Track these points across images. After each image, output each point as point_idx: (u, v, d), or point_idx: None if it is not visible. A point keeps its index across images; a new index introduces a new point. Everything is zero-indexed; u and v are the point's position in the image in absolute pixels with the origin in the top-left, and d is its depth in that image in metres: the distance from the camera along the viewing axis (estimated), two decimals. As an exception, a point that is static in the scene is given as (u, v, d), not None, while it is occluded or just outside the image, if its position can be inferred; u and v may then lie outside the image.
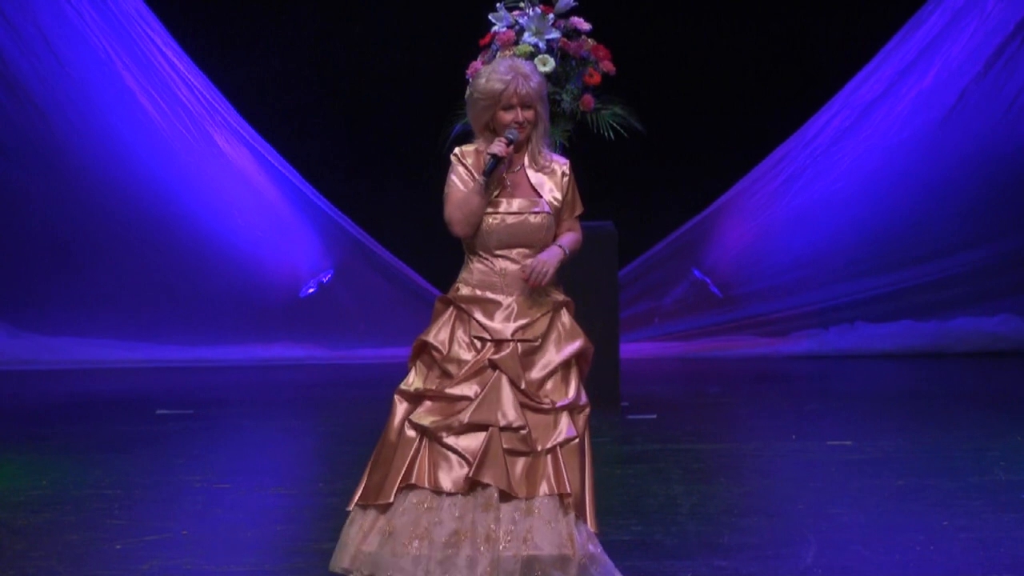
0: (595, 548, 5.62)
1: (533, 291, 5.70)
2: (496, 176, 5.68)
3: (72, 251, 13.28)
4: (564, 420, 5.65)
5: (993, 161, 13.33)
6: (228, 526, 7.48)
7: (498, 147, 5.64)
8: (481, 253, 5.75)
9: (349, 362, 13.24)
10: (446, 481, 5.56)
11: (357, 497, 5.74)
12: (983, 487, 8.07)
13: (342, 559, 5.67)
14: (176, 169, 13.30)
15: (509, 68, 5.71)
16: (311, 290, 13.51)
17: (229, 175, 13.38)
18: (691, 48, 13.38)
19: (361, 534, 5.65)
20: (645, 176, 13.22)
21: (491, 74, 5.71)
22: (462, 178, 5.73)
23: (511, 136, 5.66)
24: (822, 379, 12.37)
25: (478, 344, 5.68)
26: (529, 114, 5.68)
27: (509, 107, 5.68)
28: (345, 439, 10.03)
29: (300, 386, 12.27)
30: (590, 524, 5.62)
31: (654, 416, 10.29)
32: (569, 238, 5.78)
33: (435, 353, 5.71)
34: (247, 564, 6.74)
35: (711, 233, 13.58)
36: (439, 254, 12.89)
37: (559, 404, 5.66)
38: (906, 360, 13.00)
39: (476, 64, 9.94)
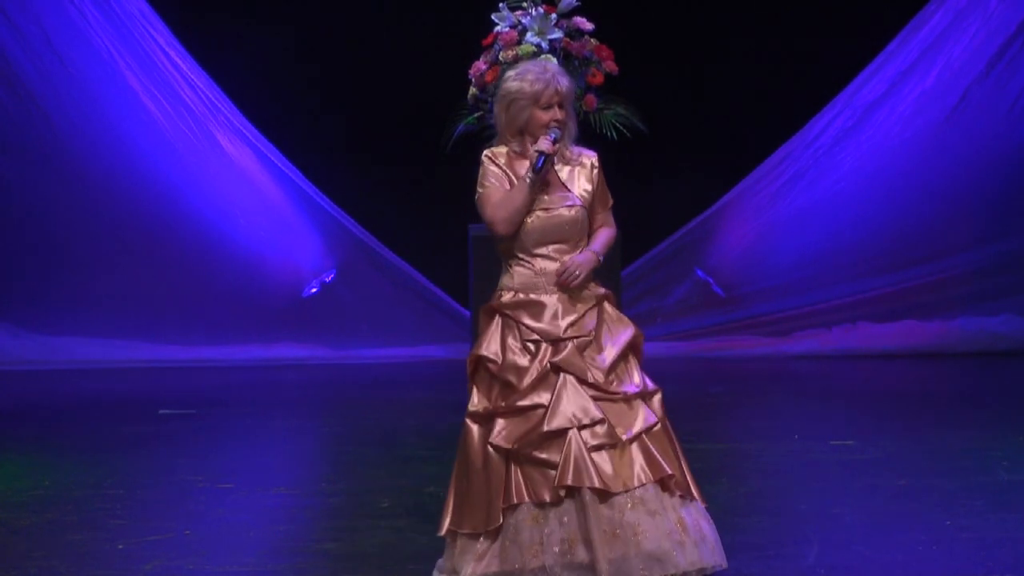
0: (708, 526, 5.64)
1: (584, 286, 5.71)
2: (543, 174, 5.68)
3: (74, 251, 13.28)
4: (640, 407, 5.67)
5: (996, 161, 13.33)
6: (230, 526, 7.48)
7: (546, 144, 5.67)
8: (519, 255, 5.74)
9: (351, 362, 13.25)
10: (544, 492, 5.54)
11: (453, 524, 5.70)
12: (985, 487, 8.07)
13: None
14: (179, 169, 13.30)
15: (544, 69, 5.75)
16: (314, 290, 13.51)
17: (232, 175, 13.39)
18: (694, 48, 13.38)
19: (475, 560, 5.62)
20: (648, 176, 13.22)
21: (525, 75, 5.74)
22: (499, 178, 5.74)
23: (555, 135, 5.69)
24: (824, 379, 12.37)
25: (532, 347, 5.66)
26: (563, 114, 5.72)
27: (548, 106, 5.71)
28: (347, 439, 10.03)
29: (302, 386, 12.27)
30: (700, 499, 5.67)
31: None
32: (603, 239, 5.83)
33: (491, 366, 5.69)
34: (249, 564, 6.74)
35: (714, 233, 13.58)
36: (441, 254, 12.97)
37: (630, 392, 5.67)
38: (908, 360, 13.00)
39: (479, 64, 9.92)
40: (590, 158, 5.85)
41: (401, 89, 13.38)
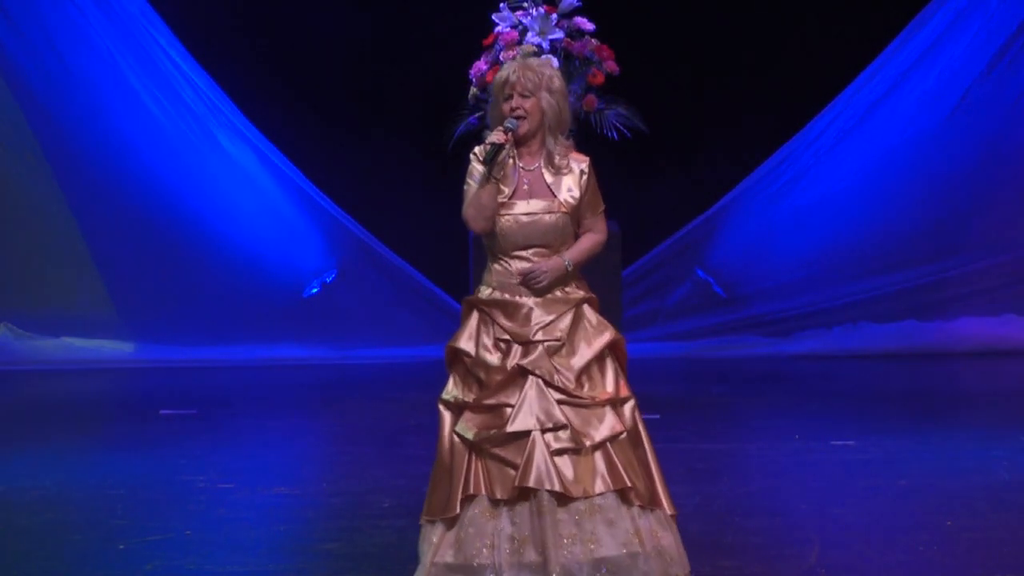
0: (667, 536, 5.62)
1: (549, 291, 5.69)
2: (499, 166, 5.66)
3: (76, 251, 13.28)
4: (608, 415, 5.64)
5: (996, 161, 13.33)
6: (231, 526, 7.48)
7: (496, 135, 5.64)
8: (499, 255, 5.73)
9: (353, 362, 13.25)
10: (499, 490, 5.55)
11: (424, 511, 5.75)
12: (986, 487, 8.07)
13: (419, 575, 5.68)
14: (180, 169, 13.30)
15: (513, 61, 5.77)
16: (315, 290, 13.51)
17: (232, 175, 13.39)
18: (694, 48, 13.37)
19: (434, 548, 5.65)
20: (648, 176, 13.22)
21: (501, 69, 5.78)
22: (474, 176, 5.74)
23: (510, 125, 5.64)
24: (825, 379, 12.36)
25: (503, 346, 5.66)
26: (527, 103, 5.66)
27: (508, 97, 5.68)
28: (349, 439, 10.04)
29: (303, 386, 12.27)
30: (667, 508, 5.65)
31: (657, 416, 10.29)
32: (581, 246, 5.77)
33: (465, 359, 5.70)
34: (250, 564, 6.74)
35: (715, 233, 13.58)
36: (442, 254, 12.97)
37: (600, 398, 5.65)
38: (909, 360, 12.99)
39: (479, 64, 9.94)
40: (580, 164, 5.78)
41: (402, 89, 13.38)
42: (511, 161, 5.71)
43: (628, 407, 5.71)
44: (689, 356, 13.23)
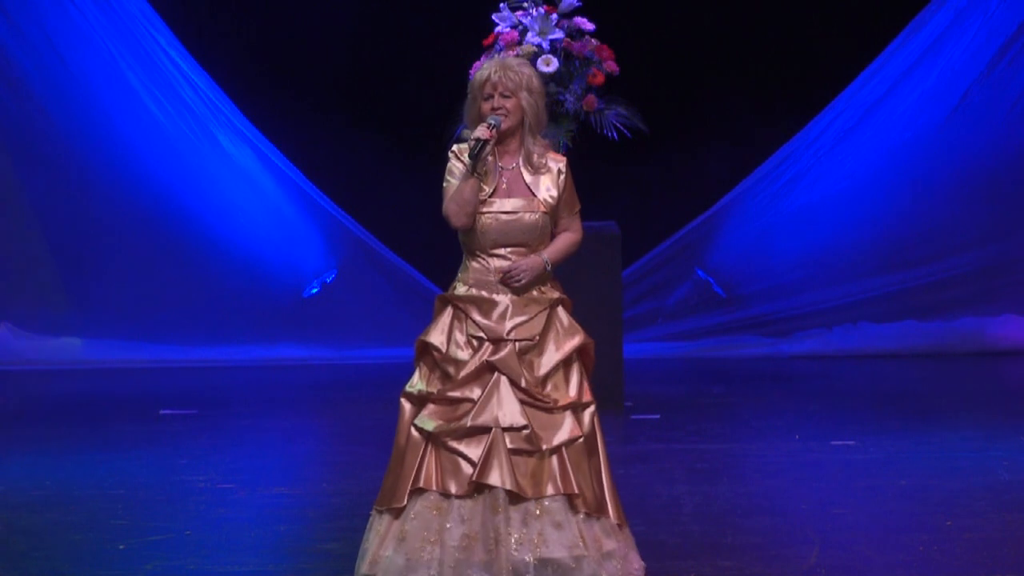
0: (613, 544, 5.65)
1: (527, 290, 5.71)
2: (483, 160, 5.68)
3: (74, 251, 13.28)
4: (568, 419, 5.67)
5: (996, 161, 13.32)
6: (231, 526, 7.48)
7: (481, 130, 5.67)
8: (477, 252, 5.76)
9: (352, 362, 13.24)
10: (453, 484, 5.58)
11: (376, 501, 5.77)
12: (986, 487, 8.07)
13: (362, 565, 5.70)
14: (179, 169, 13.29)
15: (492, 61, 5.80)
16: (314, 290, 13.51)
17: (232, 175, 13.38)
18: (694, 48, 13.37)
19: (379, 539, 5.68)
20: (648, 176, 13.21)
21: (479, 70, 5.80)
22: (455, 173, 5.75)
23: (493, 121, 5.68)
24: (825, 379, 12.36)
25: (475, 343, 5.70)
26: (508, 103, 5.71)
27: (488, 96, 5.72)
28: (349, 439, 10.03)
29: (303, 386, 12.27)
30: (613, 517, 5.67)
31: (657, 416, 10.29)
32: (559, 245, 5.79)
33: (435, 353, 5.76)
34: (250, 564, 6.75)
35: (715, 233, 13.57)
36: (442, 254, 12.95)
37: (562, 403, 5.67)
38: (909, 360, 12.99)
39: (479, 64, 9.93)
40: (558, 163, 5.82)
41: (402, 89, 13.38)
42: (491, 159, 5.74)
43: (588, 412, 5.74)
44: (689, 356, 13.23)
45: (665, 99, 12.66)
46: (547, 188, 5.77)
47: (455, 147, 5.82)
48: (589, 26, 10.07)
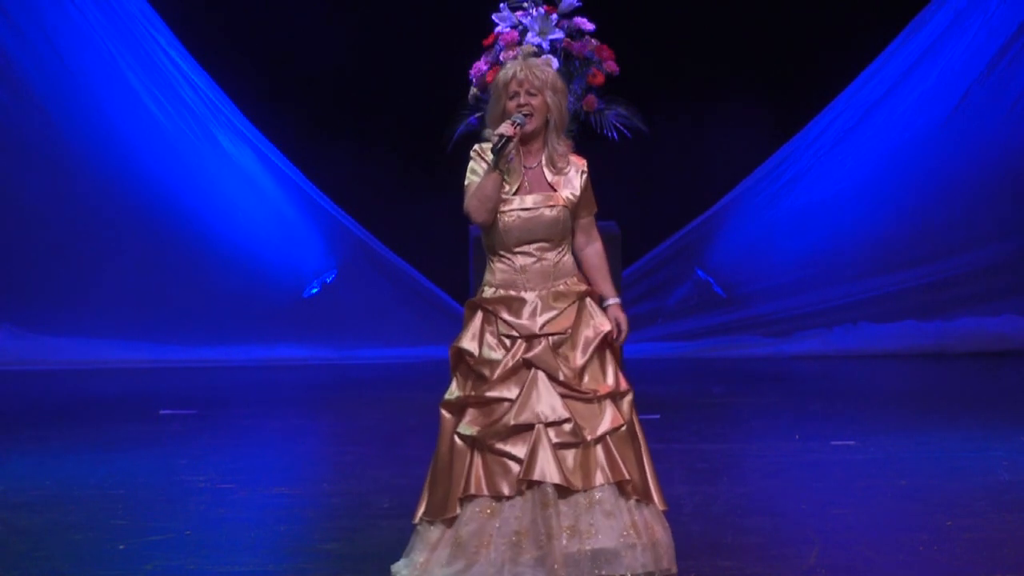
0: (662, 530, 5.71)
1: (555, 285, 5.75)
2: (505, 157, 5.70)
3: (74, 251, 13.28)
4: (608, 408, 5.72)
5: (996, 161, 13.33)
6: (231, 526, 7.48)
7: (506, 127, 5.69)
8: (501, 252, 5.79)
9: (351, 362, 13.24)
10: (503, 486, 5.62)
11: (421, 512, 5.79)
12: (986, 487, 8.07)
13: (407, 573, 5.72)
14: (179, 169, 13.30)
15: (516, 60, 5.83)
16: (315, 290, 13.51)
17: (232, 175, 13.39)
18: (695, 48, 13.37)
19: (429, 548, 5.71)
20: (649, 176, 13.22)
21: (503, 69, 5.83)
22: (477, 171, 5.78)
23: (519, 119, 5.71)
24: (825, 379, 12.36)
25: (507, 343, 5.72)
26: (535, 101, 5.75)
27: (513, 95, 5.75)
28: (349, 439, 10.04)
29: (303, 386, 12.27)
30: (658, 504, 5.72)
31: (657, 416, 10.29)
32: (603, 268, 5.92)
33: (468, 359, 5.76)
34: (250, 564, 6.74)
35: (715, 233, 13.58)
36: (442, 254, 12.97)
37: (601, 392, 5.71)
38: (909, 360, 12.99)
39: (479, 64, 9.93)
40: (579, 165, 5.87)
41: (402, 89, 13.38)
42: (516, 158, 5.76)
43: (627, 401, 5.80)
44: (688, 356, 13.23)
45: (665, 99, 12.67)
46: (569, 186, 5.81)
47: (477, 146, 5.85)
48: (589, 26, 10.06)
